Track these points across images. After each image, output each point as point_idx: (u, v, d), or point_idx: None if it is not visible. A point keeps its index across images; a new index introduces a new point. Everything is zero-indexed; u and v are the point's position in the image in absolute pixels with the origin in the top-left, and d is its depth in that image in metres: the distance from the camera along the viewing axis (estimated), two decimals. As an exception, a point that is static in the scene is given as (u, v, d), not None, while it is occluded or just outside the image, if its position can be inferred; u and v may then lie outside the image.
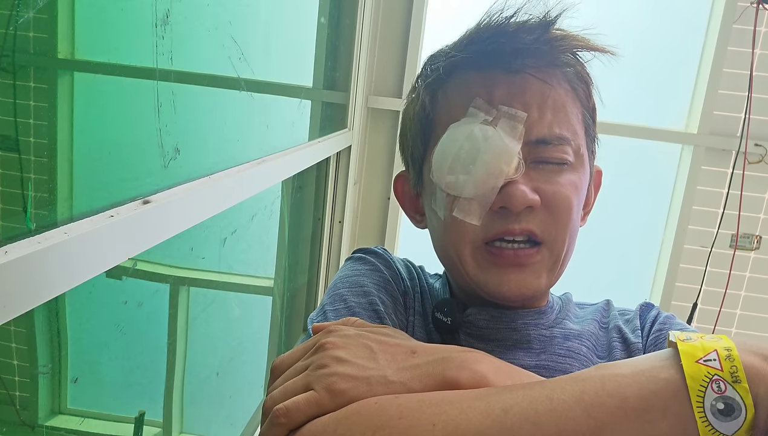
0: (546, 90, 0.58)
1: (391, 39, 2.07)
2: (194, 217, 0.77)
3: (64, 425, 0.79)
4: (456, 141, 0.58)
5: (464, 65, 0.60)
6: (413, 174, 0.67)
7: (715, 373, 0.31)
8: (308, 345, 0.46)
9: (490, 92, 0.58)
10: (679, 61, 2.14)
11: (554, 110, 0.58)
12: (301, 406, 0.40)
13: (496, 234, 0.57)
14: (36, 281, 0.47)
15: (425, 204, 0.65)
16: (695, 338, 0.35)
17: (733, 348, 0.32)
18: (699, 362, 0.32)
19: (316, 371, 0.42)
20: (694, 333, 0.36)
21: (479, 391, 0.38)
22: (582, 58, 0.61)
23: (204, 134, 0.96)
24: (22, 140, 0.56)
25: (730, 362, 0.31)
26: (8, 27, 0.52)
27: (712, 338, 0.34)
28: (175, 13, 0.77)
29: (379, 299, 0.61)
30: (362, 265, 0.67)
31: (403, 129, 0.69)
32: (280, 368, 0.46)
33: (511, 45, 0.57)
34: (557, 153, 0.58)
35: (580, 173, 0.60)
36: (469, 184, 0.56)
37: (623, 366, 0.35)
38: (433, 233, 0.64)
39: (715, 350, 0.32)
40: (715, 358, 0.32)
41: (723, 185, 2.08)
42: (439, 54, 0.64)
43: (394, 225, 2.19)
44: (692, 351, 0.33)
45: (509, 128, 0.56)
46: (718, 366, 0.31)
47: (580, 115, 0.61)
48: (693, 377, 0.32)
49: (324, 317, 0.59)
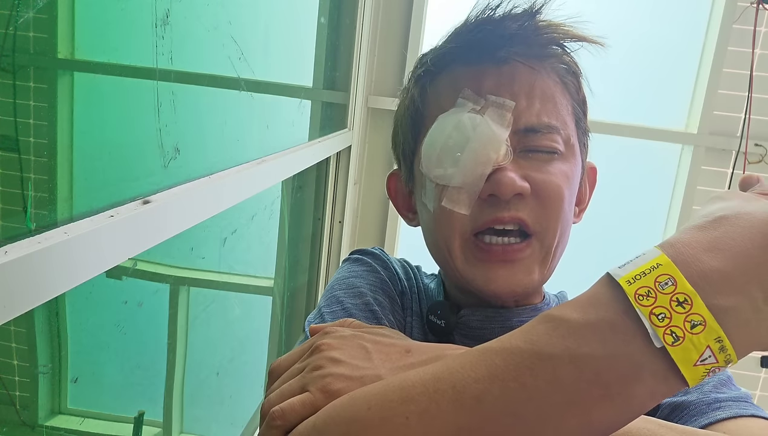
0: (534, 79, 0.58)
1: (391, 39, 2.07)
2: (194, 217, 0.77)
3: (64, 425, 0.79)
4: (444, 130, 0.58)
5: (452, 58, 0.61)
6: (404, 170, 0.67)
7: (712, 366, 0.32)
8: (305, 347, 0.47)
9: (478, 83, 0.58)
10: (679, 61, 2.14)
11: (542, 100, 0.58)
12: (296, 407, 0.41)
13: (485, 223, 0.57)
14: (36, 281, 0.47)
15: (416, 199, 0.65)
16: (663, 307, 0.32)
17: (723, 337, 0.31)
18: (697, 365, 0.31)
19: (311, 373, 0.43)
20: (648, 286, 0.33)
21: (441, 371, 0.37)
22: (570, 49, 0.61)
23: (204, 134, 0.96)
24: (22, 140, 0.56)
25: (724, 353, 0.31)
26: (8, 27, 0.52)
27: (682, 308, 0.31)
28: (175, 13, 0.77)
29: (375, 300, 0.61)
30: (359, 266, 0.67)
31: (395, 127, 0.69)
32: (277, 370, 0.47)
33: (498, 32, 0.58)
34: (546, 141, 0.58)
35: (571, 164, 0.60)
36: (457, 172, 0.56)
37: (593, 343, 0.33)
38: (425, 228, 0.64)
39: (708, 346, 0.31)
40: (710, 355, 0.31)
41: (723, 185, 2.08)
42: (428, 51, 0.65)
43: (394, 225, 2.19)
44: (686, 356, 0.31)
45: (497, 117, 0.57)
46: (714, 360, 0.31)
47: (570, 106, 0.61)
48: (692, 377, 0.32)
49: (321, 319, 0.59)
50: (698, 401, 0.51)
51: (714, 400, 0.51)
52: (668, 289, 0.32)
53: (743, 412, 0.49)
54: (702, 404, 0.51)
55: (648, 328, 0.32)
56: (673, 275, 0.32)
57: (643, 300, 0.32)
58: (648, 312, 0.32)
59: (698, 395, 0.52)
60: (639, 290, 0.32)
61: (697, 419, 0.50)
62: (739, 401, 0.51)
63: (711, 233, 0.34)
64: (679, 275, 0.32)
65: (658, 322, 0.31)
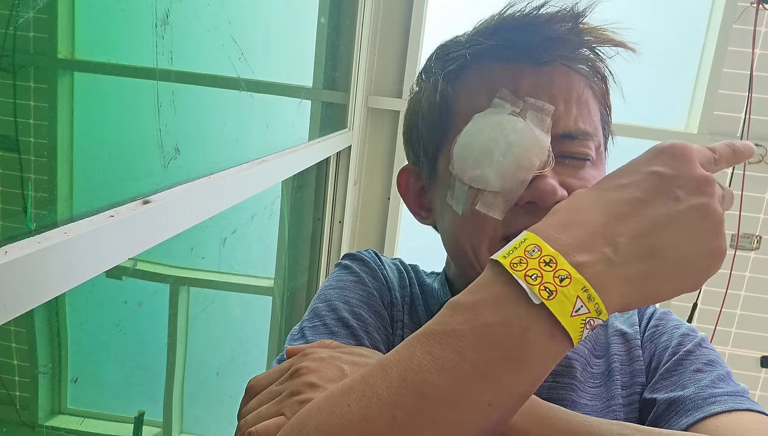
0: (572, 83, 0.57)
1: (391, 39, 2.07)
2: (194, 217, 0.77)
3: (64, 425, 0.79)
4: (483, 132, 0.56)
5: (487, 55, 0.58)
6: (426, 167, 0.64)
7: (587, 317, 0.36)
8: (283, 368, 0.48)
9: (516, 83, 0.56)
10: (679, 61, 2.14)
11: (579, 105, 0.57)
12: (271, 430, 0.43)
13: (519, 230, 0.56)
14: (36, 281, 0.47)
15: (436, 198, 0.63)
16: (535, 269, 0.37)
17: (587, 286, 0.36)
18: (573, 316, 0.36)
19: (289, 399, 0.44)
20: (519, 255, 0.39)
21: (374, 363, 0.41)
22: (604, 54, 0.60)
23: (204, 134, 0.96)
24: (22, 140, 0.56)
25: (592, 302, 0.36)
26: (8, 27, 0.52)
27: (549, 266, 0.37)
28: (175, 13, 0.77)
29: (358, 317, 0.60)
30: (347, 276, 0.65)
31: (412, 122, 0.66)
32: (255, 388, 0.48)
33: (543, 34, 0.56)
34: (582, 148, 0.57)
35: (600, 171, 0.59)
36: (496, 177, 0.55)
37: (486, 314, 0.37)
38: (446, 228, 0.62)
39: (578, 296, 0.36)
40: (581, 305, 0.36)
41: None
42: (453, 43, 0.62)
43: (394, 225, 2.19)
44: (563, 308, 0.36)
45: (537, 121, 0.55)
46: (586, 310, 0.36)
47: (599, 112, 0.60)
48: (572, 328, 0.36)
49: (301, 335, 0.58)
50: (694, 396, 0.51)
51: (710, 395, 0.51)
52: (536, 254, 0.38)
53: (738, 406, 0.49)
54: (698, 399, 0.51)
55: (525, 287, 0.36)
56: (538, 244, 0.38)
57: (517, 266, 0.38)
58: (522, 275, 0.37)
59: (694, 390, 0.52)
60: (512, 260, 0.38)
61: (692, 414, 0.50)
62: (735, 395, 0.51)
63: (562, 216, 0.41)
64: (542, 243, 0.38)
65: (532, 281, 0.37)
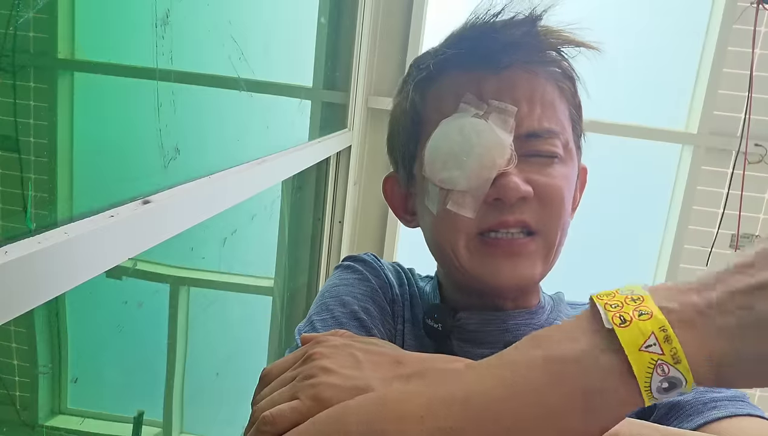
0: (534, 85, 0.59)
1: (391, 39, 2.07)
2: (194, 217, 0.77)
3: (64, 425, 0.79)
4: (448, 135, 0.59)
5: (453, 64, 0.61)
6: (403, 173, 0.67)
7: (658, 358, 0.33)
8: (297, 355, 0.48)
9: (480, 88, 0.59)
10: (679, 61, 2.14)
11: (543, 105, 0.59)
12: (286, 414, 0.42)
13: (490, 226, 0.58)
14: (36, 281, 0.47)
15: (417, 202, 0.66)
16: (618, 302, 0.36)
17: (667, 326, 0.34)
18: (642, 350, 0.34)
19: (303, 382, 0.44)
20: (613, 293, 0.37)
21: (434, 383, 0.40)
22: (567, 54, 0.62)
23: (204, 134, 0.96)
24: (22, 140, 0.56)
25: (669, 344, 0.33)
26: (8, 27, 0.52)
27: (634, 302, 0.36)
28: (175, 13, 0.77)
29: (365, 310, 0.61)
30: (350, 274, 0.67)
31: (392, 130, 0.70)
32: (268, 376, 0.48)
33: (500, 39, 0.59)
34: (547, 146, 0.59)
35: (570, 167, 0.61)
36: (462, 177, 0.57)
37: (564, 347, 0.36)
38: (426, 230, 0.65)
39: (653, 332, 0.34)
40: (654, 342, 0.33)
41: (723, 185, 2.08)
42: (425, 55, 0.65)
43: (393, 225, 2.19)
44: (633, 339, 0.34)
45: (500, 122, 0.58)
46: (659, 351, 0.33)
47: (567, 111, 0.62)
48: (638, 365, 0.34)
49: (312, 327, 0.60)
50: (694, 401, 0.51)
51: (710, 399, 0.51)
52: (626, 291, 0.37)
53: (739, 411, 0.49)
54: (698, 404, 0.51)
55: (600, 310, 0.35)
56: (633, 289, 0.37)
57: (604, 298, 0.37)
58: (604, 303, 0.36)
59: (694, 395, 0.52)
60: (607, 298, 0.37)
61: (693, 419, 0.50)
62: (736, 400, 0.51)
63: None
64: (638, 287, 0.37)
65: (611, 309, 0.35)
